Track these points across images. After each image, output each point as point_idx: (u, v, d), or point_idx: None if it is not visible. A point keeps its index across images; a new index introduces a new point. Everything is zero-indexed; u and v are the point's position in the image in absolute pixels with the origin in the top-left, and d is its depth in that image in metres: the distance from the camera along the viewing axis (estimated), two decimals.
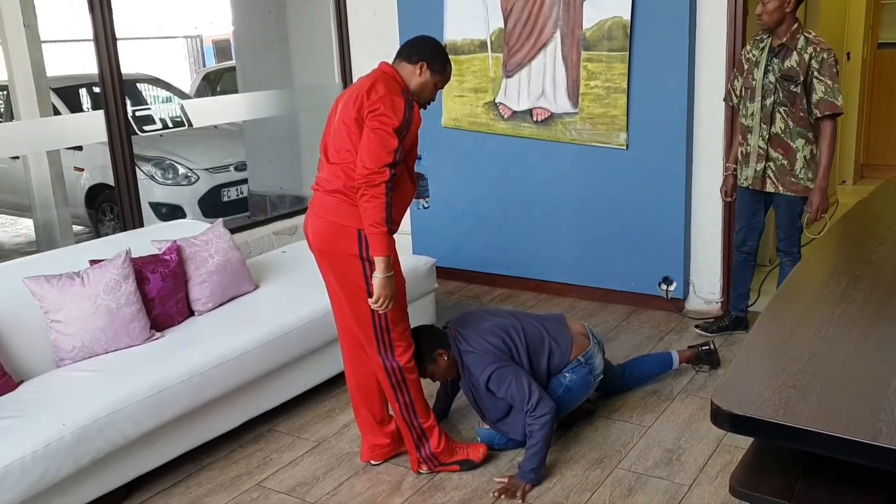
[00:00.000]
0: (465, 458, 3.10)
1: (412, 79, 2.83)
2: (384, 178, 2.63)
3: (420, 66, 2.81)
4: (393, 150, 2.64)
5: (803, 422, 1.44)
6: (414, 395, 3.00)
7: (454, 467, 3.09)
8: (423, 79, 2.83)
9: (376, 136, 2.66)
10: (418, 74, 2.82)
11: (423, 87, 2.84)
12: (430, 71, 2.83)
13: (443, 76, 2.88)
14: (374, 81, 2.76)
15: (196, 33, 14.80)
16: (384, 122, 2.66)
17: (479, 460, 3.10)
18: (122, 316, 3.25)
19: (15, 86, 5.03)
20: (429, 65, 2.82)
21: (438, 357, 3.12)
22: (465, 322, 3.19)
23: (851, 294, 2.10)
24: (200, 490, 3.07)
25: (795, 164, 3.74)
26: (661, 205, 4.51)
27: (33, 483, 2.58)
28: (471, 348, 3.08)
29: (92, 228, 6.69)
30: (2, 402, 2.88)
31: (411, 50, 2.85)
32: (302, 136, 6.06)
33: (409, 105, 2.74)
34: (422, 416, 3.04)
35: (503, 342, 3.09)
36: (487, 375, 3.01)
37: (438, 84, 2.89)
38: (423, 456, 3.08)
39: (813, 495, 1.55)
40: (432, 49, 2.86)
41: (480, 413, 3.22)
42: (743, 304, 4.22)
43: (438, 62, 2.84)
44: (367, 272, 2.80)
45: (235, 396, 3.30)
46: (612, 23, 4.40)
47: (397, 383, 2.97)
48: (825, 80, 3.57)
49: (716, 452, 3.14)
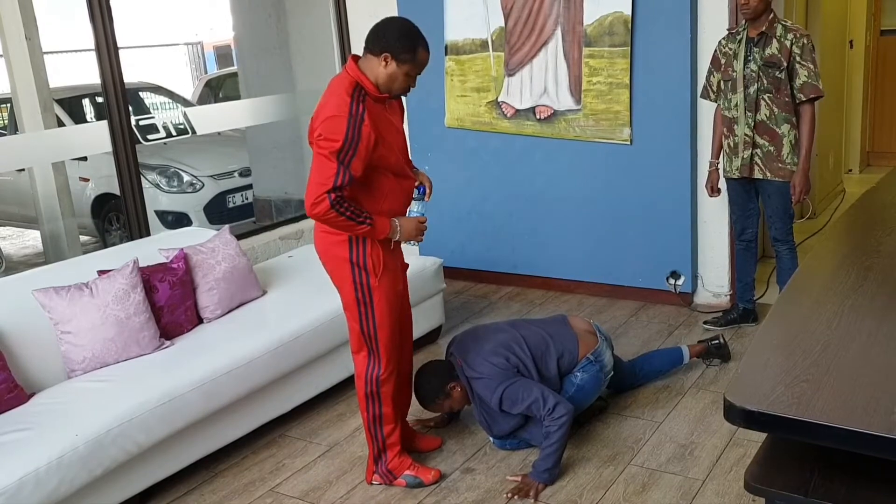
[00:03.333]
0: (417, 477, 3.05)
1: (378, 71, 2.65)
2: (324, 208, 2.60)
3: (384, 58, 2.63)
4: (330, 177, 2.58)
5: (817, 416, 1.43)
6: (384, 409, 2.97)
7: (402, 482, 3.04)
8: (389, 70, 2.65)
9: (315, 164, 2.66)
10: (384, 66, 2.64)
11: (391, 78, 2.67)
12: (396, 61, 2.63)
13: (413, 63, 2.66)
14: (328, 97, 2.69)
15: (197, 40, 14.81)
16: (322, 147, 2.63)
17: (429, 483, 3.05)
18: (131, 325, 3.25)
19: (18, 98, 5.04)
20: (393, 55, 2.62)
21: (452, 390, 3.14)
22: (466, 348, 3.17)
23: (861, 285, 2.08)
24: (214, 497, 3.08)
25: (782, 149, 3.79)
26: (666, 199, 4.49)
27: (48, 494, 2.59)
28: (477, 374, 3.07)
29: (99, 238, 6.70)
30: (15, 415, 2.89)
31: (374, 39, 2.65)
32: (305, 140, 6.04)
33: (355, 120, 2.59)
34: (387, 431, 3.00)
35: (507, 360, 3.08)
36: (499, 398, 3.01)
37: (410, 72, 2.68)
38: (380, 470, 3.06)
39: (829, 489, 1.54)
40: (395, 35, 2.63)
41: (489, 430, 3.22)
42: (749, 295, 4.22)
43: (404, 50, 2.62)
44: (356, 277, 2.79)
45: (246, 403, 3.30)
46: (612, 18, 4.39)
47: (371, 394, 2.93)
48: (807, 65, 3.68)
49: (729, 446, 3.13)
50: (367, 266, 2.78)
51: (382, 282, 2.81)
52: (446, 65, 5.01)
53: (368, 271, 2.78)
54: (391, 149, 2.77)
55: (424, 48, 2.70)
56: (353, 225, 2.66)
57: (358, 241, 2.77)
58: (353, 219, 2.64)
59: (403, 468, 3.05)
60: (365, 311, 2.83)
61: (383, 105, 2.77)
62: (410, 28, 2.69)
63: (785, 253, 3.97)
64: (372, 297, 2.81)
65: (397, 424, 3.04)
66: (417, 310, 4.10)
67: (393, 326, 2.89)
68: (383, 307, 2.83)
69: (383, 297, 2.82)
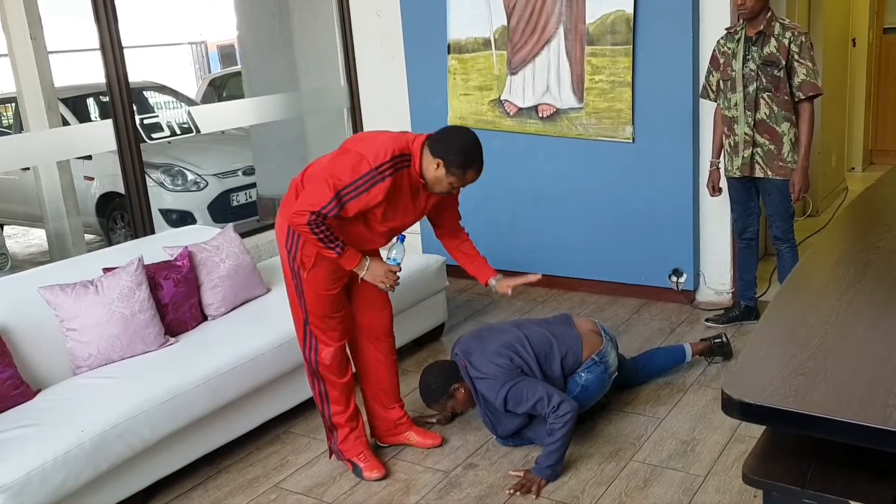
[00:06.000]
0: (359, 465, 3.11)
1: (429, 168, 2.74)
2: (301, 222, 2.67)
3: (438, 162, 2.72)
4: (321, 203, 2.64)
5: (813, 408, 1.45)
6: (330, 390, 3.05)
7: (349, 465, 3.14)
8: (437, 174, 2.73)
9: (316, 182, 2.71)
10: (435, 168, 2.73)
11: (436, 180, 2.76)
12: (446, 169, 2.72)
13: (459, 179, 2.75)
14: (379, 137, 2.77)
15: (201, 39, 14.84)
16: (331, 174, 2.68)
17: (368, 478, 3.09)
18: (136, 322, 3.28)
19: (23, 97, 5.07)
20: (446, 163, 2.71)
21: (456, 392, 3.16)
22: (470, 348, 3.19)
23: (860, 281, 2.10)
24: (219, 493, 3.10)
25: (783, 147, 3.81)
26: (668, 197, 4.51)
27: (54, 489, 2.61)
28: (482, 375, 3.09)
29: (104, 237, 6.73)
30: (21, 411, 2.91)
31: (438, 141, 2.75)
32: (309, 139, 6.09)
33: (374, 176, 2.65)
34: (335, 410, 3.08)
35: (510, 360, 3.09)
36: (503, 398, 3.03)
37: (455, 184, 2.77)
38: (332, 446, 3.17)
39: (825, 481, 1.56)
40: (455, 148, 2.72)
41: (493, 430, 3.24)
42: (751, 293, 4.23)
43: (457, 165, 2.71)
44: (291, 266, 2.89)
45: (251, 399, 3.33)
46: (615, 16, 4.41)
47: (314, 372, 3.04)
48: (805, 63, 3.69)
49: (730, 443, 3.15)
50: (297, 258, 2.87)
51: (312, 275, 2.87)
52: (449, 63, 5.02)
53: (298, 264, 2.88)
54: (388, 218, 2.83)
55: (476, 170, 2.77)
56: (322, 247, 2.74)
57: (292, 235, 2.84)
58: (324, 241, 2.72)
59: (353, 453, 3.12)
60: (298, 298, 2.94)
61: (419, 188, 2.84)
62: (472, 147, 2.76)
63: (786, 251, 3.99)
64: (302, 286, 2.90)
65: (349, 408, 3.10)
66: (420, 307, 4.14)
67: (326, 315, 2.94)
68: (313, 297, 2.90)
69: (312, 289, 2.89)
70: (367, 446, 3.16)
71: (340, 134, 5.71)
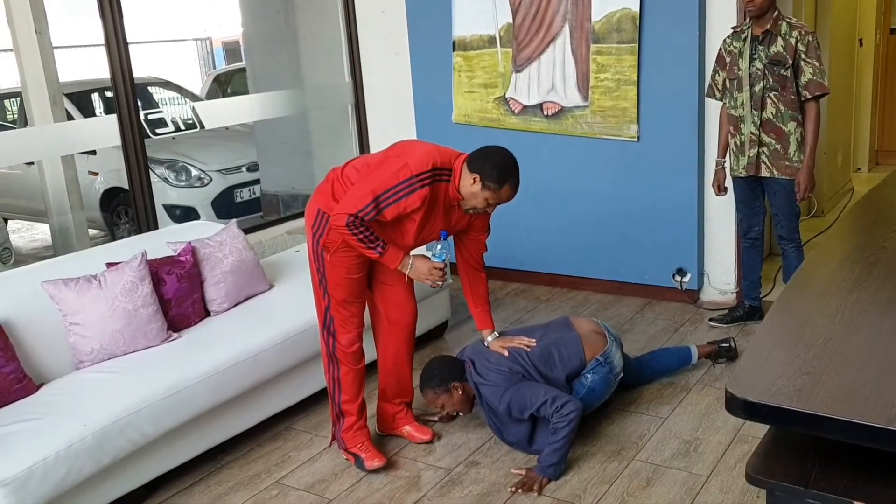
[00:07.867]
0: (360, 455, 3.13)
1: (466, 184, 2.83)
2: (341, 223, 2.75)
3: (475, 177, 2.81)
4: (359, 207, 2.74)
5: (817, 408, 1.44)
6: (342, 374, 3.08)
7: (351, 458, 3.16)
8: (473, 189, 2.82)
9: (360, 184, 2.80)
10: (471, 183, 2.82)
11: (472, 195, 2.85)
12: (482, 184, 2.81)
13: (495, 194, 2.83)
14: (424, 147, 2.87)
15: (206, 35, 14.86)
16: (371, 179, 2.77)
17: (368, 468, 3.10)
18: (139, 317, 3.28)
19: (28, 92, 5.07)
20: (482, 178, 2.80)
21: (453, 389, 3.16)
22: (476, 352, 3.22)
23: (866, 280, 2.09)
24: (220, 489, 3.10)
25: (789, 147, 3.79)
26: (673, 196, 4.50)
27: (56, 483, 2.62)
28: (485, 380, 3.10)
29: (107, 232, 6.74)
30: (23, 405, 2.91)
31: (476, 158, 2.85)
32: (313, 135, 6.08)
33: (412, 184, 2.74)
34: (345, 398, 3.11)
35: (510, 370, 3.10)
36: (507, 404, 3.03)
37: (490, 199, 2.85)
38: (335, 432, 3.20)
39: (829, 481, 1.55)
40: (492, 163, 2.82)
41: (500, 435, 3.22)
42: (755, 293, 4.22)
43: (493, 180, 2.80)
44: (313, 247, 2.95)
45: (253, 395, 3.33)
46: (620, 15, 4.39)
47: (331, 355, 3.07)
48: (812, 62, 3.68)
49: (733, 442, 3.14)
50: (321, 241, 2.93)
51: (335, 259, 2.92)
52: (454, 60, 5.01)
53: (321, 247, 2.93)
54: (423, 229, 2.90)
55: (511, 187, 2.86)
56: (363, 248, 2.81)
57: (320, 218, 2.90)
58: (364, 242, 2.79)
59: (354, 444, 3.14)
60: (321, 282, 3.00)
61: (453, 205, 2.91)
62: (509, 163, 2.86)
63: (791, 251, 3.98)
64: (325, 269, 2.96)
65: (358, 399, 3.13)
66: (424, 305, 4.12)
67: (347, 301, 3.00)
68: (335, 281, 2.95)
69: (334, 273, 2.94)
70: (368, 437, 3.19)
71: (345, 130, 5.71)
